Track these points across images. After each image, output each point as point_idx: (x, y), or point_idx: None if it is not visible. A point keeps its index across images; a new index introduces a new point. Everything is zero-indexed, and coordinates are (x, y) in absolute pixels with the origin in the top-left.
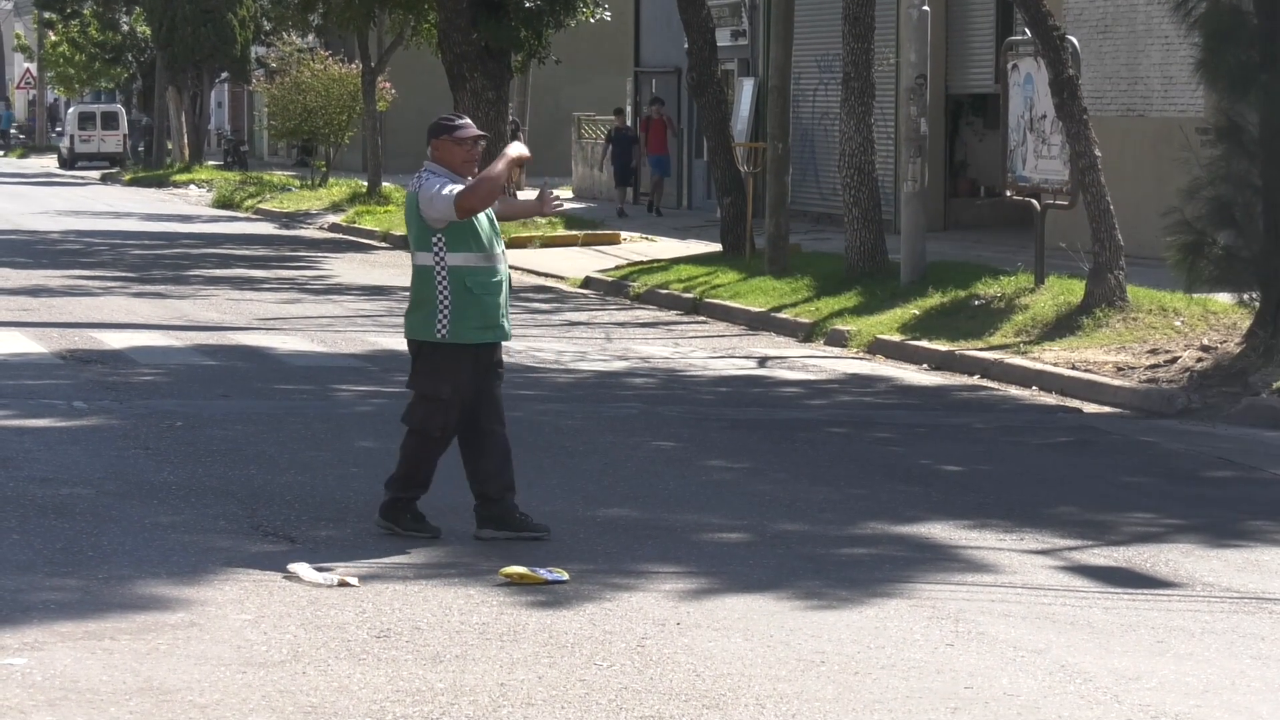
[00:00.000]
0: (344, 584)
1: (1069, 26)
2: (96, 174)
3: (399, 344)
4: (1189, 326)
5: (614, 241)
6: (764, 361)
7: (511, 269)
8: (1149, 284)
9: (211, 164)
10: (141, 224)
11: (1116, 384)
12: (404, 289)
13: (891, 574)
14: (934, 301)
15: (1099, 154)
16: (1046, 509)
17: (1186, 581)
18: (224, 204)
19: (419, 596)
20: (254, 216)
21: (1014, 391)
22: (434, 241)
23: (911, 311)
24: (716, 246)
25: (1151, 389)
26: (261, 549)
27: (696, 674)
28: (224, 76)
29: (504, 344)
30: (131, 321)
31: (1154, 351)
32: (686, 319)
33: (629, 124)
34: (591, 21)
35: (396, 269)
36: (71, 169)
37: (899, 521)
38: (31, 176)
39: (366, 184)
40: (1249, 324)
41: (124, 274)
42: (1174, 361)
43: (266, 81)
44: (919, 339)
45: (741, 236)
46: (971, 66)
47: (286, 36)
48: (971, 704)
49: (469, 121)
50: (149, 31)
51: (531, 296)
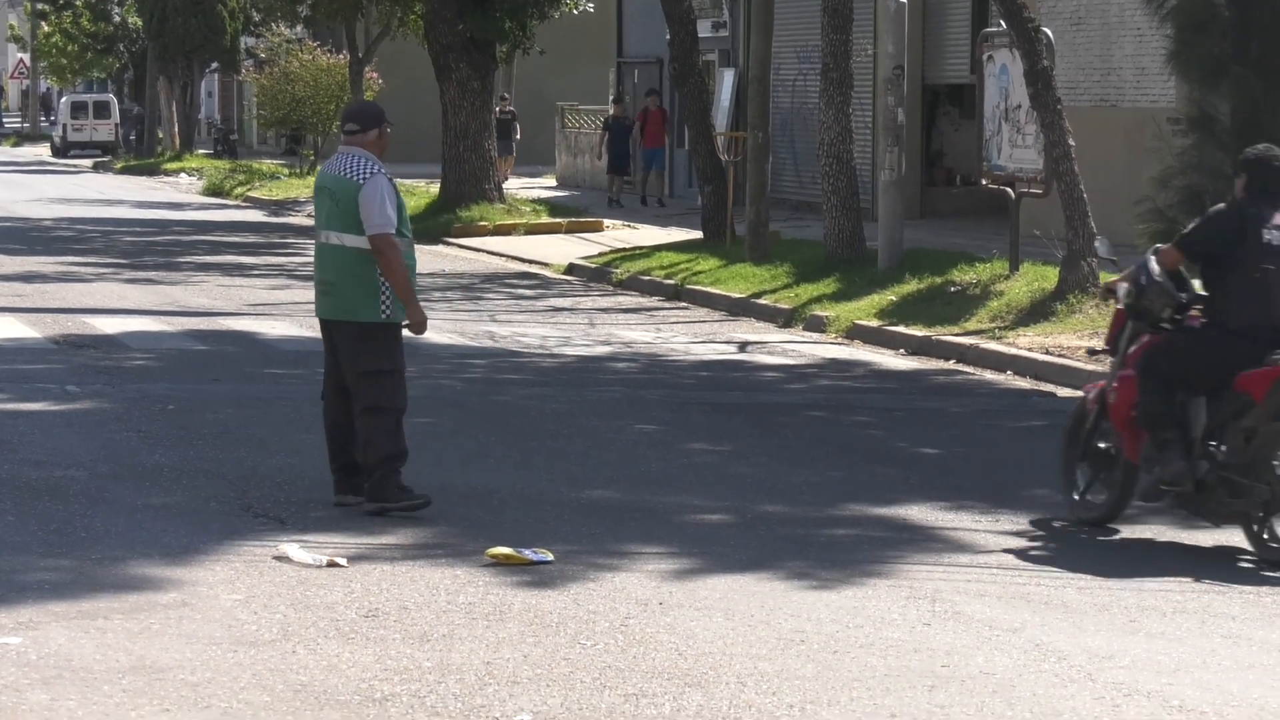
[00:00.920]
0: (333, 564)
1: (1043, 19)
2: (89, 162)
3: None
4: None
5: (597, 229)
6: (744, 346)
7: (497, 255)
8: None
9: (202, 152)
10: (133, 211)
11: (1090, 368)
12: None
13: (870, 554)
14: (911, 288)
15: (1073, 143)
16: (1022, 491)
17: (1158, 562)
18: (214, 192)
19: (406, 577)
20: (244, 204)
21: (989, 376)
22: None
23: (889, 298)
24: (698, 234)
25: None
26: (252, 530)
27: (679, 653)
28: (214, 67)
29: (490, 328)
30: (124, 307)
31: None
32: (668, 305)
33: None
34: (575, 13)
35: None
36: (64, 157)
37: (877, 503)
38: (25, 164)
39: None
40: None
41: (116, 260)
42: None
43: (256, 71)
44: (896, 324)
45: (722, 224)
46: (948, 58)
47: (275, 27)
48: (948, 682)
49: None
50: (140, 22)
51: (516, 283)
